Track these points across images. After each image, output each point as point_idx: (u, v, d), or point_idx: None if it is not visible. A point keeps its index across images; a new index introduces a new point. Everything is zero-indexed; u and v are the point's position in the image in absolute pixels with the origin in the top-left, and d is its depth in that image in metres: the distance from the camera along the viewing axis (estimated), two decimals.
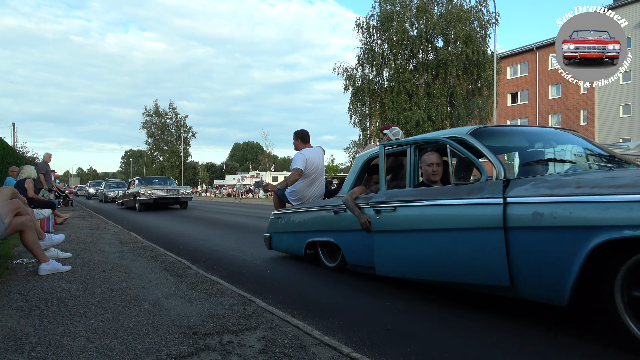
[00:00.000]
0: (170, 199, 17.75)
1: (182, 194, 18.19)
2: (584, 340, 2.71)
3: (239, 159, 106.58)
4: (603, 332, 2.80)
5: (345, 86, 26.83)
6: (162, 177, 24.82)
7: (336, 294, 4.02)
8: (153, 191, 17.11)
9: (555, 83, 38.03)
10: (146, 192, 16.89)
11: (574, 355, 2.53)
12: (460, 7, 24.38)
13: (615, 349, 2.54)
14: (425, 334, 2.88)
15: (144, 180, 19.30)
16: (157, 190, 17.38)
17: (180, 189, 18.52)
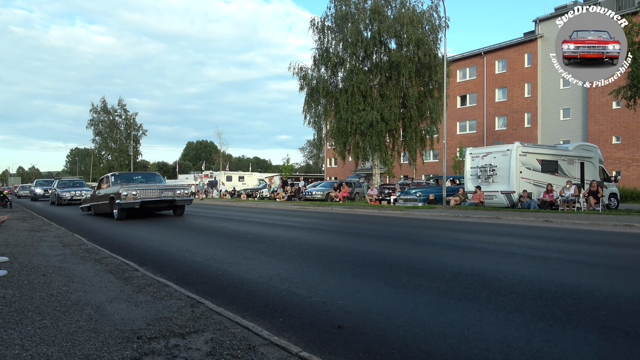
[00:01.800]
0: (162, 202, 13.11)
1: (178, 195, 13.21)
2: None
3: (192, 158, 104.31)
4: None
5: (301, 86, 26.81)
6: (146, 172, 18.67)
7: (287, 294, 4.01)
8: (139, 192, 12.49)
9: (501, 87, 39.65)
10: (130, 193, 12.24)
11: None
12: (412, 10, 24.91)
13: None
14: (375, 332, 2.92)
15: (122, 177, 14.73)
16: (144, 191, 12.71)
17: (176, 189, 13.57)
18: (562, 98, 35.81)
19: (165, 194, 12.98)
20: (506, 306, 3.40)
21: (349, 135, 24.62)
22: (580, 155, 18.21)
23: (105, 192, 13.52)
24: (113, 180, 14.01)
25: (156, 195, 12.75)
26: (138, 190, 12.41)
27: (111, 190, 13.03)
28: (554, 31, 35.96)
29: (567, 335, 2.76)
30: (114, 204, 12.41)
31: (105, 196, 13.32)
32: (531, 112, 37.61)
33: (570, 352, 2.51)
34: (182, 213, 14.02)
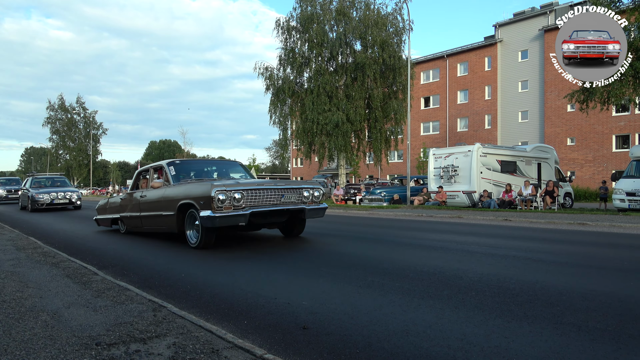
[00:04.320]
0: (282, 214, 6.90)
1: (306, 200, 7.10)
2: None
3: (155, 157, 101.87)
4: None
5: (266, 86, 26.68)
6: (219, 160, 11.09)
7: (253, 296, 3.98)
8: (247, 194, 6.50)
9: (463, 89, 40.68)
10: (231, 195, 6.43)
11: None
12: (377, 13, 25.21)
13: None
14: (340, 332, 2.94)
15: (185, 167, 8.32)
16: (254, 192, 6.78)
17: (301, 190, 7.09)
18: (521, 101, 37.07)
19: (288, 199, 6.78)
20: (467, 304, 3.50)
21: (314, 135, 24.67)
22: (537, 156, 18.90)
23: (168, 196, 7.09)
24: (174, 172, 7.56)
25: (274, 201, 6.63)
26: (244, 190, 6.28)
27: (184, 192, 6.72)
28: (513, 36, 37.42)
29: (523, 331, 2.86)
30: (191, 218, 6.61)
31: (169, 203, 7.00)
32: (491, 114, 38.74)
33: (526, 347, 2.60)
34: (301, 232, 7.79)
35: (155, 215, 7.43)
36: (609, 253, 6.47)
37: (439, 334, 2.82)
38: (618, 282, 4.36)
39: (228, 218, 6.01)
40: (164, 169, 7.68)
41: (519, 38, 37.19)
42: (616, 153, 32.00)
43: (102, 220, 9.94)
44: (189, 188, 6.62)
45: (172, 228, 6.96)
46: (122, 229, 9.03)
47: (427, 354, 2.53)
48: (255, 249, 6.55)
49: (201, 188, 6.24)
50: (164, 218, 7.12)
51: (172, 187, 7.10)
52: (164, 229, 7.37)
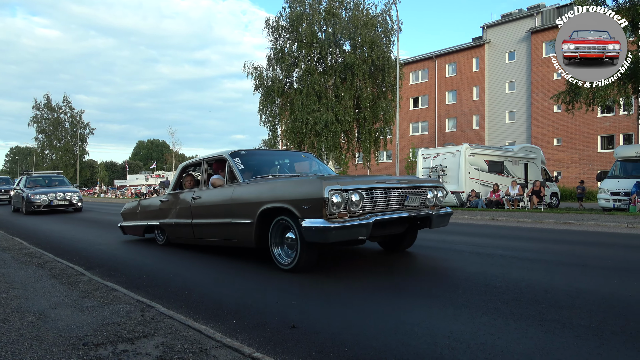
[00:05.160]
0: (403, 221, 4.78)
1: (430, 203, 5.02)
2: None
3: (143, 157, 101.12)
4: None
5: (256, 86, 26.61)
6: (290, 151, 8.50)
7: (241, 295, 3.98)
8: (370, 195, 4.62)
9: (451, 90, 40.96)
10: (349, 198, 4.38)
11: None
12: (366, 13, 25.27)
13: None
14: (328, 331, 2.95)
15: (254, 159, 6.43)
16: (373, 191, 4.56)
17: (424, 189, 4.97)
18: (508, 102, 37.44)
19: (411, 201, 5.05)
20: (454, 302, 3.53)
21: (304, 135, 24.66)
22: (524, 156, 19.11)
23: (240, 197, 5.25)
24: (241, 166, 5.66)
25: (397, 204, 4.87)
26: (363, 189, 4.50)
27: (269, 193, 4.90)
28: (500, 37, 37.76)
29: (509, 328, 2.90)
30: (280, 228, 4.83)
31: (242, 207, 5.16)
32: (479, 115, 39.07)
33: (512, 343, 2.64)
34: (411, 244, 6.02)
35: (218, 224, 5.51)
36: (593, 252, 6.57)
37: (427, 332, 2.85)
38: (601, 280, 4.43)
39: (346, 230, 4.16)
40: (226, 162, 5.71)
41: (506, 39, 37.56)
42: (601, 153, 32.47)
43: (131, 228, 7.98)
44: (276, 187, 4.80)
45: (245, 241, 5.07)
46: (160, 239, 7.12)
47: (414, 351, 2.55)
48: (246, 250, 6.54)
49: (304, 187, 4.42)
50: (234, 228, 5.17)
51: (245, 185, 5.21)
52: (233, 242, 5.36)
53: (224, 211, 5.37)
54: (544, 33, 34.22)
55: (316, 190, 4.21)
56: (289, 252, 4.73)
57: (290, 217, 4.48)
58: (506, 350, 2.55)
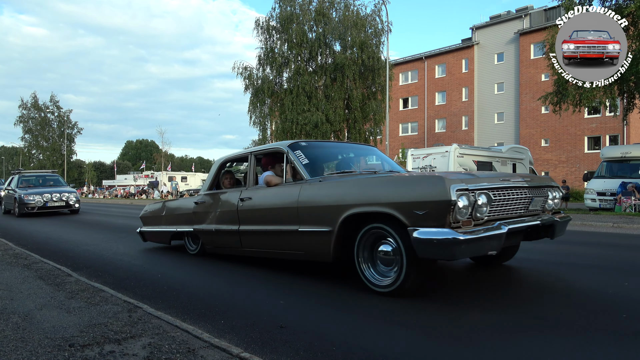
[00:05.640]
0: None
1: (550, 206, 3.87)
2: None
3: (132, 157, 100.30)
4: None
5: (246, 86, 26.60)
6: (355, 144, 6.98)
7: (230, 295, 3.97)
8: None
9: (441, 90, 41.20)
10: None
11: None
12: (356, 14, 25.38)
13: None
14: (317, 330, 2.96)
15: (321, 151, 5.61)
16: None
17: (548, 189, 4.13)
18: (497, 103, 37.75)
19: (535, 205, 4.04)
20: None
21: (294, 135, 24.67)
22: (512, 156, 19.27)
23: (313, 199, 4.19)
24: (305, 160, 4.58)
25: (522, 209, 3.89)
26: (489, 190, 3.51)
27: (359, 193, 3.84)
28: (489, 39, 38.07)
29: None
30: (370, 239, 3.82)
31: (316, 211, 4.14)
32: (468, 116, 39.34)
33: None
34: (511, 257, 4.91)
35: (277, 232, 4.51)
36: (578, 251, 6.65)
37: (418, 331, 2.86)
38: (584, 277, 4.49)
39: (478, 243, 3.25)
40: (284, 155, 4.67)
41: (495, 41, 37.87)
42: (588, 154, 32.87)
43: (154, 234, 6.84)
44: (370, 187, 3.82)
45: (319, 254, 4.12)
46: (192, 248, 6.06)
47: (401, 350, 2.57)
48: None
49: (419, 186, 3.46)
50: (302, 237, 4.19)
51: (317, 184, 4.19)
52: (299, 255, 4.38)
53: (288, 216, 4.34)
54: (532, 35, 34.55)
55: (438, 191, 3.21)
56: (384, 269, 3.70)
57: (389, 226, 3.54)
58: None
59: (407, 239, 3.35)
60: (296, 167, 4.52)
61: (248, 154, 5.33)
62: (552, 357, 2.42)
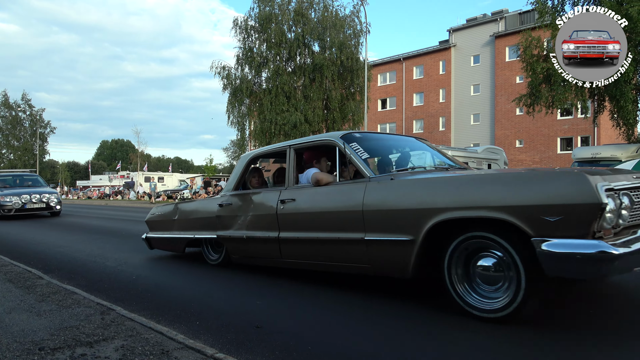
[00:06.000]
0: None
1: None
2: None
3: (107, 157, 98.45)
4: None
5: (224, 85, 26.42)
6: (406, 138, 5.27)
7: (206, 296, 3.95)
8: None
9: (418, 92, 41.65)
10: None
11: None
12: (335, 15, 25.46)
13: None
14: (294, 330, 2.97)
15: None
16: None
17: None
18: (473, 104, 38.36)
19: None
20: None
21: (272, 135, 24.61)
22: (488, 157, 19.60)
23: (385, 203, 3.46)
24: (365, 155, 3.87)
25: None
26: (631, 188, 2.86)
27: (441, 196, 3.16)
28: (466, 41, 38.66)
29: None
30: (467, 252, 3.10)
31: (389, 216, 3.41)
32: (445, 117, 39.87)
33: None
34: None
35: (334, 241, 3.72)
36: None
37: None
38: None
39: (632, 258, 2.64)
40: (338, 148, 3.94)
41: (471, 43, 38.46)
42: (561, 155, 33.68)
43: (164, 241, 5.95)
44: (470, 185, 3.14)
45: (392, 268, 3.41)
46: (214, 257, 5.26)
47: (378, 348, 2.60)
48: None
49: (551, 185, 2.74)
50: (370, 248, 3.46)
51: (388, 183, 3.48)
52: (364, 269, 3.60)
53: (348, 222, 3.60)
54: (507, 38, 35.22)
55: (582, 191, 2.55)
56: (487, 290, 2.99)
57: (499, 235, 2.86)
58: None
59: (526, 252, 2.72)
60: (354, 162, 3.78)
61: (286, 148, 4.53)
62: None
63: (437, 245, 3.17)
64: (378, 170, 3.97)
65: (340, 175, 3.96)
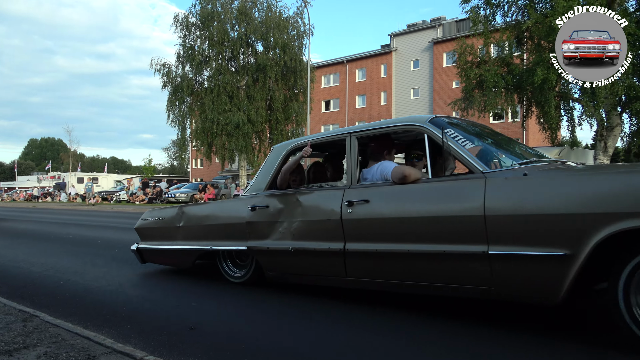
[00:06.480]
0: None
1: None
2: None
3: (36, 157, 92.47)
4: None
5: (164, 83, 25.66)
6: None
7: (140, 299, 3.84)
8: None
9: (361, 94, 42.46)
10: None
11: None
12: (279, 15, 25.42)
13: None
14: (229, 330, 2.96)
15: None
16: None
17: None
18: (413, 107, 39.60)
19: None
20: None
21: (214, 135, 24.19)
22: None
23: (524, 207, 2.62)
24: (467, 144, 3.13)
25: None
26: None
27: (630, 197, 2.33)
28: (406, 46, 39.88)
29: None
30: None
31: (522, 227, 2.61)
32: (387, 119, 40.88)
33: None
34: None
35: (436, 255, 2.91)
36: None
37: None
38: None
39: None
40: (429, 136, 3.18)
41: (411, 48, 39.72)
42: None
43: (164, 254, 4.76)
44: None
45: (531, 291, 2.65)
46: (238, 273, 4.24)
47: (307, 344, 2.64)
48: None
49: None
50: (496, 265, 2.68)
51: (522, 180, 2.71)
52: (483, 292, 2.80)
53: (462, 231, 2.79)
54: (445, 44, 36.69)
55: None
56: None
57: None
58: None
59: None
60: (457, 153, 3.01)
61: (345, 136, 3.67)
62: None
63: (600, 262, 2.44)
64: (495, 164, 3.17)
65: (436, 169, 3.25)
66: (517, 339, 2.65)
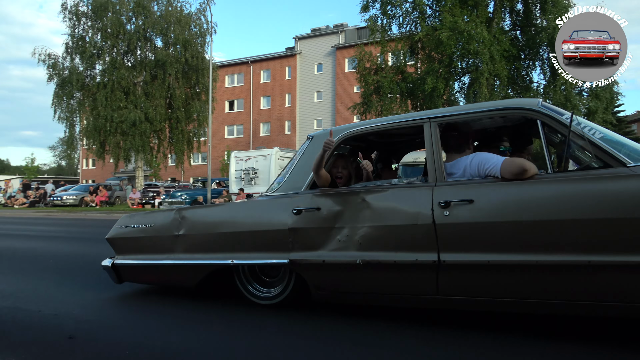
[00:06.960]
0: None
1: None
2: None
3: None
4: None
5: (50, 75, 23.54)
6: None
7: (12, 310, 3.52)
8: None
9: (266, 95, 42.45)
10: None
11: None
12: (180, 11, 24.55)
13: None
14: (111, 338, 2.84)
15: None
16: None
17: None
18: (316, 110, 40.50)
19: None
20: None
21: (108, 134, 22.74)
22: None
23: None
24: (596, 132, 2.65)
25: None
26: None
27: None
28: (310, 49, 40.67)
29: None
30: None
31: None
32: (291, 121, 41.36)
33: None
34: None
35: (585, 267, 2.34)
36: None
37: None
38: None
39: None
40: (543, 122, 2.66)
41: (315, 52, 40.57)
42: None
43: (154, 271, 3.72)
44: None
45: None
46: (269, 293, 3.41)
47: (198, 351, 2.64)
48: (19, 262, 5.74)
49: None
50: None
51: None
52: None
53: (620, 237, 2.31)
54: (346, 50, 37.99)
55: None
56: None
57: None
58: None
59: None
60: (593, 143, 2.51)
61: (423, 122, 3.01)
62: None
63: None
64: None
65: (557, 164, 2.82)
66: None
